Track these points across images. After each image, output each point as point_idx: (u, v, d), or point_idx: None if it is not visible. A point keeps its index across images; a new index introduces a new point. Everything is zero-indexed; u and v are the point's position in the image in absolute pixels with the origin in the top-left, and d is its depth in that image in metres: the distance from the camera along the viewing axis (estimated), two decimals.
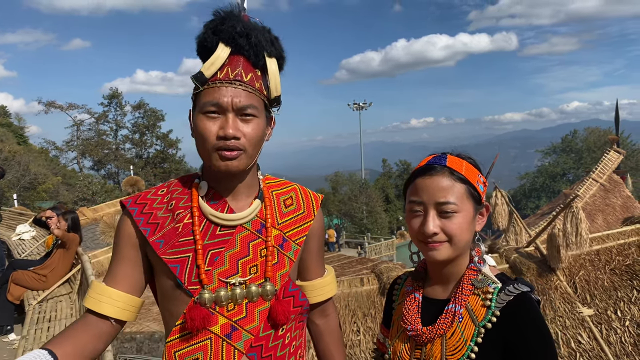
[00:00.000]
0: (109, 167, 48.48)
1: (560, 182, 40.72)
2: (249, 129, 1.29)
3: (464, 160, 1.33)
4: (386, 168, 58.45)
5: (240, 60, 1.31)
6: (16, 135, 40.30)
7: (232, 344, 1.29)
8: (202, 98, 1.29)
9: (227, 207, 1.36)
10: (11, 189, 25.74)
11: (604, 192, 9.96)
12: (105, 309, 1.30)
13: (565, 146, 44.59)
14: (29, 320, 5.40)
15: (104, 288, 1.33)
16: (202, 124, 1.28)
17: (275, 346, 1.36)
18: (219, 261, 1.32)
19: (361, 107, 61.46)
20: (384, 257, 27.10)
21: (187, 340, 1.30)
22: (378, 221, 44.72)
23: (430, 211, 1.26)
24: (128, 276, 1.35)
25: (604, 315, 5.04)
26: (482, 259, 1.31)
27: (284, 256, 1.40)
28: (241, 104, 1.27)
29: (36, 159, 35.30)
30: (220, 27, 1.28)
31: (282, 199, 1.47)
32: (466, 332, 1.23)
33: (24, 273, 6.18)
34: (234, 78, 1.28)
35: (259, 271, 1.35)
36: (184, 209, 1.35)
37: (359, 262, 14.87)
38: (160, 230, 1.33)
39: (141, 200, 1.38)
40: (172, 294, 1.33)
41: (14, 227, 10.44)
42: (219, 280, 1.31)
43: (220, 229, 1.34)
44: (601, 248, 5.69)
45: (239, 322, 1.31)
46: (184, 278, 1.29)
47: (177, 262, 1.30)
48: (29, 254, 8.32)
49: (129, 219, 1.36)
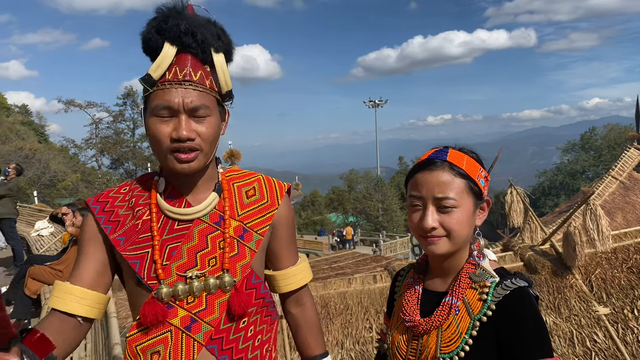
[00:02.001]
0: (127, 164, 49.10)
1: (580, 180, 40.10)
2: (203, 128, 1.28)
3: (466, 154, 1.31)
4: (402, 166, 58.18)
5: (187, 59, 1.28)
6: (37, 133, 41.06)
7: (192, 335, 1.30)
8: (152, 100, 1.27)
9: (185, 201, 1.37)
10: (32, 186, 26.25)
11: (623, 190, 9.79)
12: (71, 307, 1.29)
13: (584, 143, 43.92)
14: (44, 314, 5.49)
15: (69, 287, 1.32)
16: (155, 126, 1.27)
17: (236, 339, 1.35)
18: (177, 255, 1.32)
19: (377, 105, 61.29)
20: (399, 255, 27.02)
21: (147, 334, 1.30)
22: (394, 219, 44.57)
23: (429, 206, 1.26)
24: (92, 273, 1.35)
25: (620, 314, 4.96)
26: (482, 253, 1.30)
27: (244, 247, 1.39)
28: (193, 105, 1.26)
29: (56, 156, 35.90)
30: (164, 26, 1.25)
31: (243, 190, 1.46)
32: (461, 324, 1.24)
33: (40, 268, 6.29)
34: (183, 78, 1.26)
35: (217, 263, 1.34)
36: (143, 206, 1.37)
37: (374, 259, 14.83)
38: (122, 227, 1.34)
39: (103, 199, 1.40)
40: (134, 290, 1.34)
41: (34, 224, 10.65)
42: (177, 274, 1.31)
43: (178, 223, 1.35)
44: (618, 246, 5.60)
45: (199, 314, 1.31)
46: (143, 273, 1.30)
47: (136, 258, 1.31)
48: (46, 249, 8.47)
49: (92, 216, 1.37)
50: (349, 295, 6.69)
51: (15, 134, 34.13)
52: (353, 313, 6.43)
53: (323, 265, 11.28)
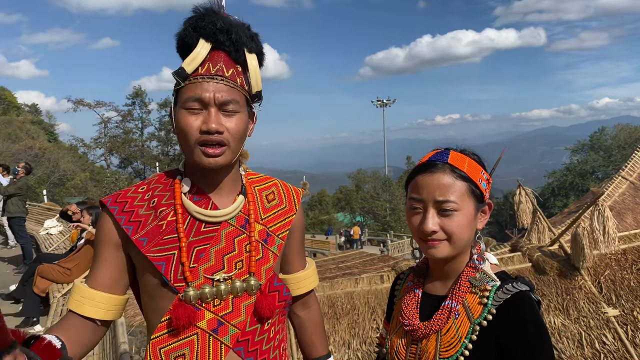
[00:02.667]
0: (135, 164, 49.40)
1: (589, 180, 39.74)
2: (231, 123, 1.29)
3: (467, 156, 1.29)
4: (410, 165, 57.99)
5: (221, 56, 1.31)
6: (47, 132, 41.42)
7: (219, 338, 1.30)
8: (183, 93, 1.29)
9: (211, 203, 1.36)
10: (41, 185, 26.46)
11: (634, 191, 9.68)
12: (88, 311, 1.31)
13: (594, 144, 43.54)
14: (53, 313, 5.54)
15: (86, 290, 1.32)
16: (185, 119, 1.27)
17: (261, 340, 1.37)
18: (205, 257, 1.32)
19: (385, 104, 61.15)
20: (407, 255, 26.93)
21: (173, 337, 1.30)
22: (401, 219, 44.44)
23: (429, 209, 1.24)
24: (109, 276, 1.35)
25: (630, 316, 4.90)
26: (482, 257, 1.28)
27: (268, 251, 1.40)
28: (223, 99, 1.27)
29: (65, 155, 36.20)
30: (200, 24, 1.28)
31: (264, 194, 1.47)
32: (461, 329, 1.22)
33: (49, 266, 6.34)
34: (215, 73, 1.28)
35: (244, 266, 1.35)
36: (167, 207, 1.34)
37: (381, 259, 14.79)
38: (143, 228, 1.32)
39: (121, 199, 1.37)
40: (157, 292, 1.32)
41: (43, 222, 10.74)
42: (204, 277, 1.31)
43: (205, 225, 1.34)
44: (628, 247, 5.54)
45: (225, 317, 1.32)
46: (169, 275, 1.29)
47: (162, 259, 1.30)
48: (55, 248, 8.53)
49: (110, 218, 1.35)
50: (356, 295, 6.68)
51: (25, 132, 34.45)
52: (360, 313, 6.41)
53: (330, 265, 11.26)
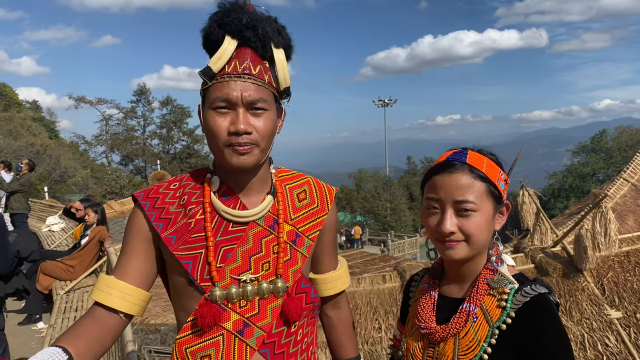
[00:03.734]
0: (136, 161, 49.39)
1: (590, 182, 39.70)
2: (260, 122, 1.26)
3: (485, 156, 1.27)
4: (411, 165, 57.96)
5: (247, 53, 1.28)
6: (48, 129, 41.41)
7: (244, 340, 1.28)
8: (211, 93, 1.26)
9: (240, 203, 1.34)
10: (42, 182, 26.46)
11: (635, 193, 9.69)
12: (115, 303, 1.28)
13: (595, 145, 43.47)
14: (56, 310, 5.54)
15: (113, 281, 1.30)
16: (213, 119, 1.25)
17: (287, 343, 1.35)
18: (231, 258, 1.30)
19: (386, 104, 61.07)
20: (407, 255, 26.95)
21: (199, 337, 1.29)
22: (402, 219, 44.41)
23: (447, 209, 1.22)
24: (139, 270, 1.33)
25: (633, 318, 4.91)
26: (500, 259, 1.27)
27: (296, 252, 1.38)
28: (251, 98, 1.24)
29: (66, 152, 36.18)
30: (226, 20, 1.25)
31: (295, 193, 1.44)
32: (480, 332, 1.20)
33: (52, 264, 6.33)
34: (242, 72, 1.25)
35: (271, 268, 1.33)
36: (196, 205, 1.33)
37: (382, 259, 14.81)
38: (173, 225, 1.31)
39: (153, 195, 1.36)
40: (184, 290, 1.32)
41: (45, 219, 10.74)
42: (230, 277, 1.29)
43: (232, 225, 1.32)
44: (631, 249, 5.55)
45: (251, 319, 1.30)
46: (196, 275, 1.28)
47: (189, 258, 1.29)
48: (58, 245, 8.53)
49: (141, 212, 1.34)
50: (358, 295, 6.68)
51: (27, 129, 34.41)
52: (362, 313, 6.42)
53: None
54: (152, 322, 7.40)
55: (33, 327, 6.33)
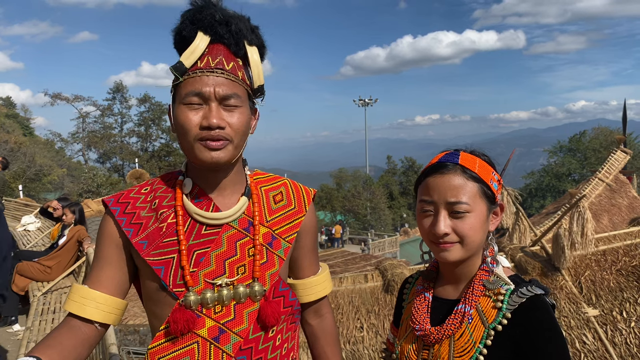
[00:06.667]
0: (114, 159, 48.71)
1: (566, 182, 40.46)
2: (233, 118, 1.23)
3: (478, 157, 1.27)
4: (391, 165, 58.33)
5: (220, 49, 1.25)
6: (22, 126, 40.51)
7: (220, 347, 1.24)
8: (182, 89, 1.23)
9: (213, 205, 1.30)
10: (17, 180, 25.88)
11: (610, 192, 9.90)
12: (89, 313, 1.24)
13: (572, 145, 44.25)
14: (33, 312, 5.41)
15: (87, 291, 1.26)
16: (184, 114, 1.22)
17: (265, 348, 1.31)
18: (205, 262, 1.26)
19: (367, 103, 61.30)
20: (388, 254, 27.09)
21: (173, 345, 1.24)
22: (382, 218, 44.68)
23: (441, 211, 1.22)
24: (112, 278, 1.29)
25: (610, 316, 5.02)
26: (495, 260, 1.27)
27: (273, 255, 1.34)
28: (224, 93, 1.22)
29: (42, 150, 35.42)
30: (198, 16, 1.23)
31: (271, 195, 1.41)
32: (475, 333, 1.20)
33: (28, 264, 6.19)
34: (215, 66, 1.22)
35: (247, 271, 1.29)
36: (168, 208, 1.30)
37: (363, 258, 14.87)
38: (144, 230, 1.28)
39: (124, 200, 1.32)
40: (156, 296, 1.27)
41: (19, 218, 10.49)
42: (205, 282, 1.25)
43: (205, 228, 1.29)
44: (607, 248, 5.66)
45: (227, 325, 1.26)
46: (168, 280, 1.24)
47: (161, 263, 1.25)
48: (34, 245, 8.34)
49: (111, 218, 1.30)
50: (340, 294, 6.68)
51: (0, 126, 33.63)
52: (344, 312, 6.42)
53: None
54: (131, 323, 7.30)
55: (9, 330, 6.18)
